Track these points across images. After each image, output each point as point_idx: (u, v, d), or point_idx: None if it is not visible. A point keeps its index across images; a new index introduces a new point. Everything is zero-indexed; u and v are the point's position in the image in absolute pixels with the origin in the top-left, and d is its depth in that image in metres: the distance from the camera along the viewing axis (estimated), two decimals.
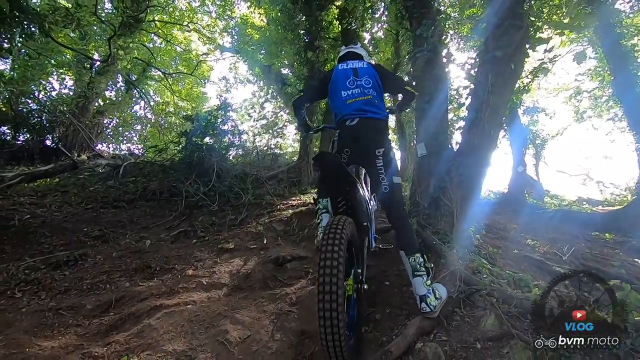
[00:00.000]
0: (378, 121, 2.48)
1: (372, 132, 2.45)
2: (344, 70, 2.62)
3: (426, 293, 2.14)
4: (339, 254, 1.62)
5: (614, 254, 3.83)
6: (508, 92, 3.16)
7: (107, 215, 4.78)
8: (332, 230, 1.72)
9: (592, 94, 10.05)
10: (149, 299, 2.64)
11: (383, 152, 2.43)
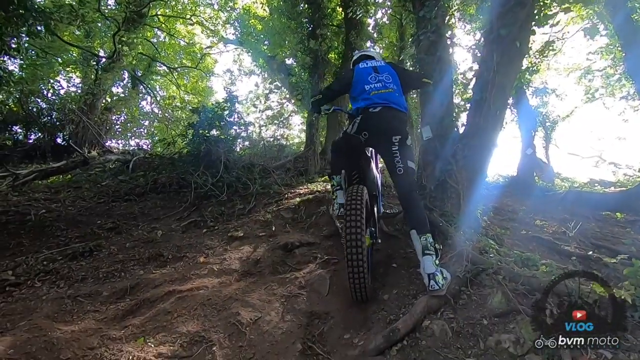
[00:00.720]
0: (399, 112, 2.66)
1: (393, 120, 2.63)
2: (365, 69, 2.85)
3: (435, 271, 2.22)
4: (361, 211, 2.12)
5: (624, 232, 3.79)
6: (514, 71, 3.12)
7: (119, 209, 4.89)
8: (354, 194, 2.24)
9: (604, 72, 9.79)
10: (162, 286, 2.72)
11: (400, 140, 2.60)
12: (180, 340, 1.99)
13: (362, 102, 2.70)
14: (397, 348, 1.95)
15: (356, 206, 2.16)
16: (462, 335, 1.97)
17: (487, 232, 3.21)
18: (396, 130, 2.59)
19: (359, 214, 2.13)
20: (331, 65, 8.78)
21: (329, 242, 3.60)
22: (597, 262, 2.80)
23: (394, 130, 2.59)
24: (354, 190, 2.30)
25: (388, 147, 2.60)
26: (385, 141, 2.61)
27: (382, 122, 2.60)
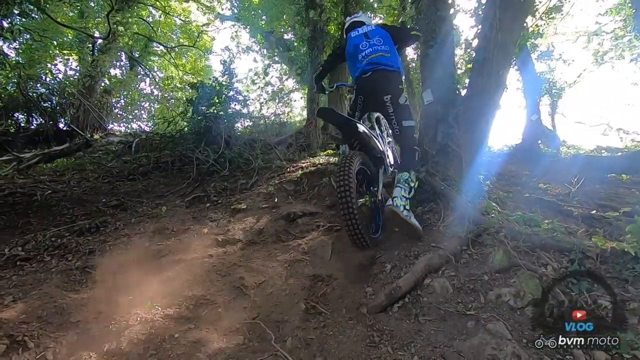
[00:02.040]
0: (389, 72, 2.84)
1: (382, 81, 2.84)
2: (356, 37, 3.06)
3: (398, 196, 2.50)
4: (349, 169, 2.35)
5: (629, 193, 3.74)
6: (517, 29, 3.01)
7: (123, 187, 4.94)
8: (343, 162, 2.43)
9: (613, 34, 9.42)
10: (168, 256, 2.77)
11: (390, 99, 2.81)
12: (187, 303, 2.04)
13: (357, 71, 2.96)
14: (399, 305, 1.99)
15: (345, 166, 2.38)
16: (463, 291, 1.99)
17: (489, 195, 3.18)
18: (385, 89, 2.81)
19: (347, 171, 2.33)
20: (330, 37, 8.55)
21: (332, 212, 3.61)
22: (600, 220, 2.79)
23: (384, 90, 2.81)
24: (345, 158, 2.49)
25: (383, 108, 2.87)
26: (378, 102, 2.85)
27: (372, 84, 2.85)
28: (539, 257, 2.21)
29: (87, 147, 7.78)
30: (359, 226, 2.32)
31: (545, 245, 2.26)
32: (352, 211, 2.29)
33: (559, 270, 2.04)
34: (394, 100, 2.80)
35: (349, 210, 2.28)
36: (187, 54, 15.33)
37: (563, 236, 2.30)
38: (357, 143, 2.85)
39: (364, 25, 3.16)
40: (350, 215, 2.29)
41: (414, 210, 3.01)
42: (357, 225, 2.32)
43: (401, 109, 2.82)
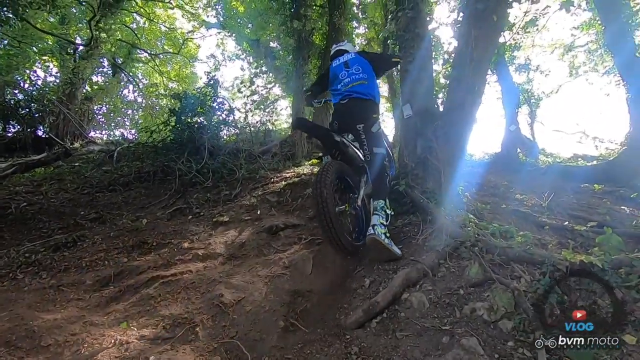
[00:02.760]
0: (364, 101, 3.00)
1: (356, 109, 2.99)
2: (337, 66, 3.22)
3: (378, 224, 2.55)
4: (325, 183, 2.39)
5: (601, 203, 3.89)
6: (491, 46, 3.12)
7: (103, 199, 4.84)
8: (320, 170, 2.51)
9: (587, 47, 9.84)
10: (146, 272, 2.72)
11: (363, 128, 2.96)
12: (163, 323, 2.00)
13: (335, 97, 3.13)
14: (377, 321, 2.01)
15: (321, 174, 2.46)
16: (439, 306, 2.03)
17: (467, 207, 3.26)
18: (359, 119, 2.95)
19: (323, 179, 2.41)
20: (315, 47, 8.64)
21: (314, 224, 3.62)
22: (572, 231, 2.89)
23: (357, 119, 2.96)
24: (324, 166, 2.59)
25: (356, 134, 3.02)
26: (351, 130, 3.02)
27: (346, 113, 3.01)
28: (513, 269, 2.27)
29: (66, 156, 7.61)
30: (337, 231, 2.38)
31: (519, 258, 2.32)
32: (328, 217, 2.34)
33: (531, 283, 2.10)
34: (366, 129, 2.95)
35: (325, 216, 2.34)
36: (171, 61, 15.24)
37: (536, 249, 2.38)
38: (337, 153, 2.97)
39: (346, 53, 3.31)
40: (327, 221, 2.35)
41: (393, 222, 3.08)
42: (335, 231, 2.37)
43: (373, 137, 2.96)
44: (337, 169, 2.67)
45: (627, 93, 5.57)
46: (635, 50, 5.63)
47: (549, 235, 2.89)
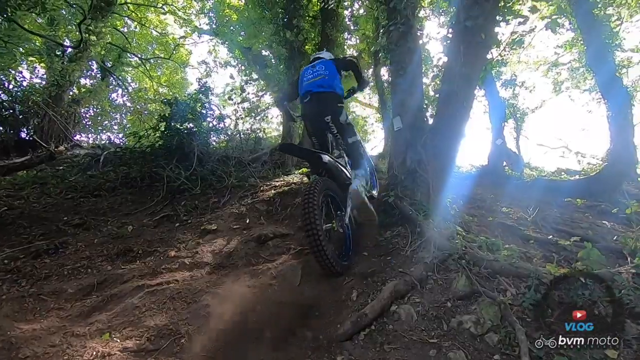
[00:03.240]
0: (326, 93, 3.07)
1: (320, 103, 3.08)
2: (305, 68, 3.31)
3: (358, 184, 2.90)
4: (313, 202, 2.43)
5: (583, 217, 4.00)
6: (479, 63, 3.21)
7: (87, 204, 4.72)
8: (308, 188, 2.55)
9: (570, 65, 10.19)
10: (131, 281, 2.66)
11: (332, 119, 3.04)
12: (148, 334, 1.96)
13: (301, 99, 3.22)
14: (365, 333, 2.00)
15: (309, 193, 2.50)
16: (427, 318, 2.04)
17: (455, 219, 3.30)
18: (324, 111, 3.04)
19: (311, 198, 2.46)
20: (307, 57, 8.71)
21: (303, 233, 3.61)
22: (556, 245, 2.96)
23: (323, 112, 3.04)
24: (311, 184, 2.64)
25: (327, 129, 3.09)
26: (321, 124, 3.08)
27: (311, 108, 3.11)
28: (499, 282, 2.30)
29: (50, 160, 7.42)
30: (326, 252, 2.41)
31: (505, 271, 2.36)
32: (317, 237, 2.37)
33: (516, 296, 2.14)
34: (334, 119, 3.04)
35: (314, 237, 2.37)
36: (162, 66, 15.12)
37: (521, 262, 2.42)
38: (324, 172, 3.02)
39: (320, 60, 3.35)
40: (316, 242, 2.37)
41: (382, 234, 3.10)
42: (324, 251, 2.40)
43: (344, 128, 3.09)
44: (325, 186, 2.73)
45: (607, 110, 5.78)
46: (615, 69, 5.86)
47: (534, 248, 2.95)
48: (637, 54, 9.31)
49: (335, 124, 3.04)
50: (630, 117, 5.69)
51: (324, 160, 2.84)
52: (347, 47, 10.56)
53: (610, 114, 5.70)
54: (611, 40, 6.02)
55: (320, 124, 3.08)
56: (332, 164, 2.88)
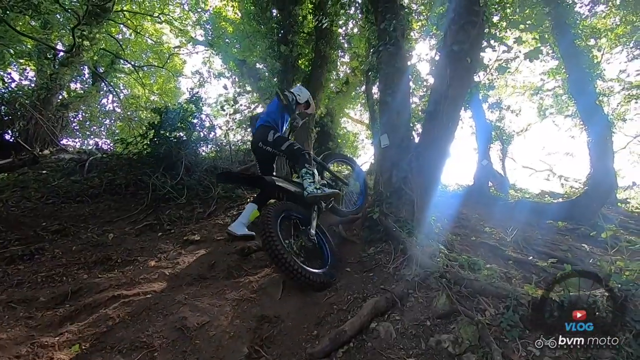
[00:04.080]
0: (261, 126, 3.63)
1: (257, 135, 3.62)
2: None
3: (308, 185, 3.20)
4: (269, 222, 2.64)
5: (564, 240, 4.08)
6: (465, 86, 3.30)
7: (68, 210, 4.62)
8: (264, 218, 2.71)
9: (554, 92, 10.57)
10: (107, 290, 2.59)
11: (264, 141, 3.52)
12: (119, 346, 1.90)
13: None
14: (344, 350, 1.98)
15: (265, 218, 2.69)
16: (405, 336, 2.03)
17: (439, 237, 3.33)
18: (259, 138, 3.53)
19: (267, 223, 2.63)
20: (301, 72, 8.84)
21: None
22: (535, 266, 3.00)
23: (258, 139, 3.55)
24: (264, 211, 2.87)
25: (265, 151, 3.53)
26: (260, 150, 3.57)
27: (253, 140, 3.68)
28: (478, 302, 2.31)
29: (33, 163, 7.24)
30: (293, 266, 2.51)
31: (484, 290, 2.37)
32: (279, 253, 2.50)
33: (495, 317, 2.15)
34: (265, 142, 3.50)
35: (276, 254, 2.51)
36: (155, 74, 15.13)
37: (501, 283, 2.44)
38: (279, 194, 3.30)
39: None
40: (279, 258, 2.50)
41: (366, 250, 3.10)
42: (291, 265, 2.51)
43: (273, 142, 3.48)
44: (281, 209, 2.91)
45: (588, 137, 5.98)
46: (595, 98, 6.09)
47: (514, 268, 2.98)
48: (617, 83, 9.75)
49: (265, 144, 3.50)
50: (610, 144, 5.89)
51: (267, 181, 3.16)
52: (340, 64, 10.77)
53: (590, 140, 5.90)
54: (592, 70, 6.28)
55: (259, 150, 3.60)
56: (278, 180, 3.23)
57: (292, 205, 3.10)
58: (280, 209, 2.87)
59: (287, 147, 3.46)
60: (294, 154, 3.44)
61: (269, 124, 3.65)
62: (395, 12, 3.70)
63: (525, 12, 6.69)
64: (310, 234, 3.00)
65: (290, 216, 3.04)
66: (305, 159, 3.38)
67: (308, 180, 3.23)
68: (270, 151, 3.51)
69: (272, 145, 3.49)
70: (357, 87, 11.26)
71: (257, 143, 3.59)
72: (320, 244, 3.12)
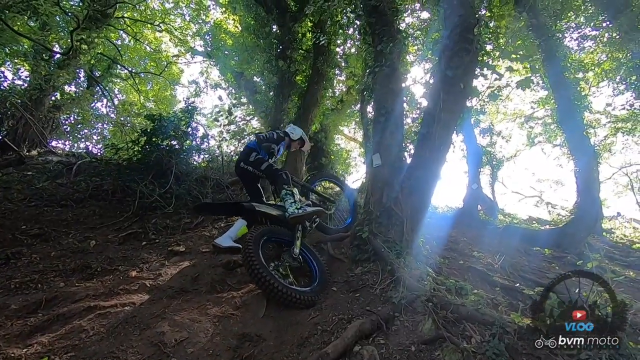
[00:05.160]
0: (246, 147, 3.75)
1: (240, 155, 3.76)
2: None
3: (289, 207, 3.24)
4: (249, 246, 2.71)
5: (550, 267, 4.10)
6: (458, 110, 3.35)
7: (50, 214, 4.49)
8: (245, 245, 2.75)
9: (544, 120, 10.86)
10: (83, 300, 2.49)
11: (243, 162, 3.61)
12: None
13: None
14: None
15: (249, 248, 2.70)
16: None
17: (427, 260, 3.31)
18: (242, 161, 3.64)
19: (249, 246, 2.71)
20: (297, 87, 8.92)
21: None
22: (522, 293, 2.99)
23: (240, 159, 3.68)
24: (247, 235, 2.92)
25: (247, 171, 3.57)
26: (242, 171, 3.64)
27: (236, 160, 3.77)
28: (464, 328, 2.28)
29: (19, 164, 7.09)
30: (275, 285, 2.54)
31: (471, 317, 2.35)
32: (260, 274, 2.54)
33: (480, 344, 2.11)
34: (246, 162, 3.58)
35: (258, 275, 2.55)
36: (152, 81, 15.12)
37: (487, 309, 2.42)
38: (262, 218, 3.30)
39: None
40: (261, 279, 2.54)
41: (353, 270, 3.06)
42: (272, 284, 2.54)
43: (254, 162, 3.55)
44: (263, 232, 2.96)
45: (575, 167, 6.11)
46: (583, 129, 6.26)
47: (501, 295, 2.97)
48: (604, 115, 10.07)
49: (247, 164, 3.57)
50: (596, 175, 6.02)
51: (246, 207, 3.20)
52: (336, 83, 10.92)
53: (577, 170, 6.02)
54: (580, 101, 6.48)
55: (241, 172, 3.67)
56: (258, 205, 3.27)
57: (274, 229, 3.16)
58: (260, 234, 2.92)
59: (266, 168, 3.52)
60: (272, 175, 3.50)
61: (254, 147, 3.74)
62: (392, 35, 3.78)
63: (517, 43, 6.92)
64: (294, 253, 3.05)
65: (271, 239, 3.09)
66: (283, 179, 3.43)
67: (289, 201, 3.29)
68: (251, 171, 3.57)
69: (252, 165, 3.57)
70: (352, 105, 11.40)
71: (239, 162, 3.69)
72: (308, 262, 3.13)
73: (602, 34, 7.66)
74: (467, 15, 3.27)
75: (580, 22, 7.86)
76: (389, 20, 3.91)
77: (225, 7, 11.45)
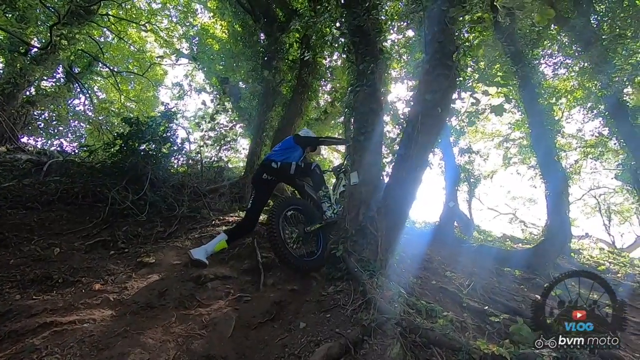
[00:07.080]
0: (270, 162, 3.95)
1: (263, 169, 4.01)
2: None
3: (326, 210, 3.84)
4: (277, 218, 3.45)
5: (519, 289, 4.20)
6: (435, 133, 3.41)
7: (13, 217, 4.27)
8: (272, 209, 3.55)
9: (519, 142, 11.26)
10: (39, 315, 2.37)
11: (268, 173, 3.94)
12: None
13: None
14: None
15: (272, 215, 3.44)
16: None
17: (400, 280, 3.33)
18: (263, 173, 3.93)
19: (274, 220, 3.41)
20: (282, 96, 8.91)
21: (247, 277, 3.48)
22: (490, 316, 3.04)
23: (262, 173, 3.95)
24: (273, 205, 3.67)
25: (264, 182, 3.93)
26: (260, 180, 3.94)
27: (256, 173, 4.09)
28: (432, 353, 2.30)
29: None
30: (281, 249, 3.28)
31: (439, 342, 2.37)
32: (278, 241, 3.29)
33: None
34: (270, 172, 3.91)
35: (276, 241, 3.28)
36: (134, 81, 14.81)
37: (455, 334, 2.44)
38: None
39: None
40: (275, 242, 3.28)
41: (326, 288, 3.05)
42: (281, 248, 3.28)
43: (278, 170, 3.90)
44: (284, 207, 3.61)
45: (545, 190, 6.33)
46: (554, 153, 6.52)
47: (470, 318, 3.01)
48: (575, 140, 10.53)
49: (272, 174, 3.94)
50: (565, 198, 6.26)
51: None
52: (321, 94, 10.98)
53: (548, 193, 6.24)
54: (553, 126, 6.75)
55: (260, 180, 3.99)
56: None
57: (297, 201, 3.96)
58: (286, 204, 3.70)
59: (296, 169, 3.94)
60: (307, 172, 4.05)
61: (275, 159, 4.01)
62: (375, 55, 3.84)
63: (495, 68, 7.19)
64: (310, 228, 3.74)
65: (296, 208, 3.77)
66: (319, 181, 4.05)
67: (326, 204, 3.87)
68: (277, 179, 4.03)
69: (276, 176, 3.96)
70: (336, 117, 11.48)
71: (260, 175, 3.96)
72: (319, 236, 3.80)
73: (575, 63, 8.06)
74: (446, 42, 3.36)
75: (554, 50, 8.26)
76: (372, 40, 3.97)
77: (214, 11, 11.39)
